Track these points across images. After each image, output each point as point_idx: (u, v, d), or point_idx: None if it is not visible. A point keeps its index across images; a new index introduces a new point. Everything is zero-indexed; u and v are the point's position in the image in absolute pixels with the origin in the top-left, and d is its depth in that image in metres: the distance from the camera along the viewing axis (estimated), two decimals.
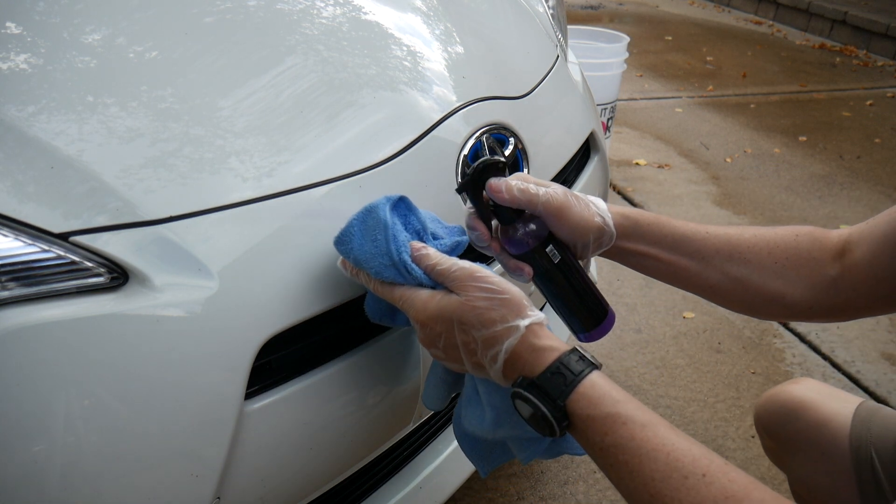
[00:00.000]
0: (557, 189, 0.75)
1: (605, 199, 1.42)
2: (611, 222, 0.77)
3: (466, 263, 0.67)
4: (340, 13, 0.96)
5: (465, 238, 0.76)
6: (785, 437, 0.92)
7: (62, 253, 0.62)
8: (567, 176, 1.21)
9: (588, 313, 0.78)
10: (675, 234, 0.78)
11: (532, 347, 0.62)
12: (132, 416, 0.64)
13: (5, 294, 0.59)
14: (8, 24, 0.76)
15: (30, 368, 0.59)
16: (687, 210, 2.66)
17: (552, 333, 0.64)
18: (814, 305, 0.76)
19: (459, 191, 0.77)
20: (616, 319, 0.81)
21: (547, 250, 0.75)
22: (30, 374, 0.59)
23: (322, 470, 0.82)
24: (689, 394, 1.73)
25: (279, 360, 0.74)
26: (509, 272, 0.77)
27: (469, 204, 0.77)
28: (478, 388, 0.71)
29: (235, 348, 0.68)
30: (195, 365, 0.66)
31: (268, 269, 0.71)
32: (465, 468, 1.08)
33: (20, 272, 0.60)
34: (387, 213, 0.70)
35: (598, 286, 1.74)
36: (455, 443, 1.10)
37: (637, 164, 3.05)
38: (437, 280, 0.68)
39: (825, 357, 1.90)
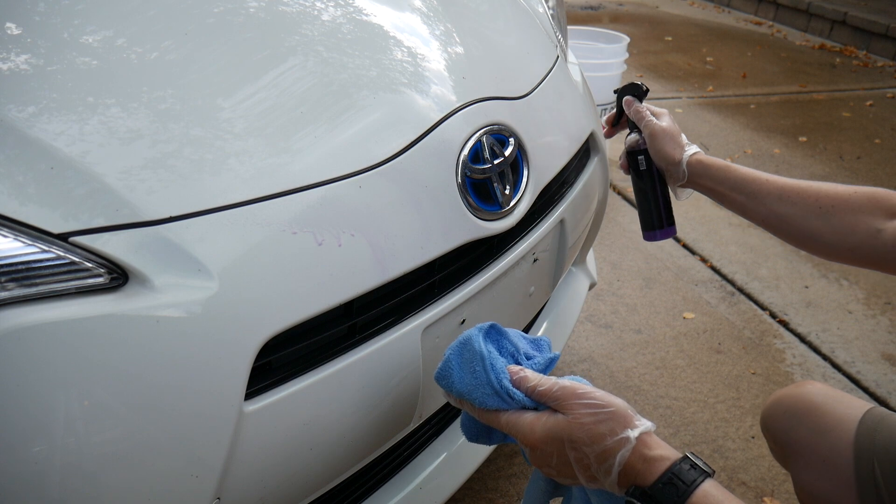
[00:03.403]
0: (663, 124, 1.04)
1: (604, 200, 1.42)
2: (685, 163, 1.01)
3: (567, 382, 0.69)
4: (341, 14, 0.96)
5: (556, 354, 0.79)
6: (788, 442, 0.92)
7: (62, 253, 0.62)
8: (567, 176, 1.21)
9: (650, 217, 1.09)
10: (737, 177, 0.97)
11: (644, 458, 0.63)
12: (132, 417, 0.64)
13: (5, 294, 0.59)
14: (8, 24, 0.76)
15: (30, 369, 0.59)
16: (687, 210, 2.66)
17: (663, 442, 0.65)
18: (855, 249, 0.87)
19: (616, 91, 1.12)
20: (674, 232, 1.10)
21: (639, 158, 1.07)
22: (29, 374, 0.59)
23: (322, 470, 0.82)
24: (689, 394, 1.73)
25: (279, 360, 0.74)
26: (620, 159, 1.12)
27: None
28: (590, 499, 0.73)
29: (235, 349, 0.68)
30: (195, 365, 0.66)
31: (268, 269, 0.71)
32: (465, 469, 1.08)
33: (20, 272, 0.60)
34: (481, 344, 0.73)
35: (598, 286, 1.73)
36: (455, 443, 1.10)
37: None
38: (538, 401, 0.70)
39: (825, 357, 1.90)
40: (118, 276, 0.64)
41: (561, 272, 1.26)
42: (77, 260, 0.62)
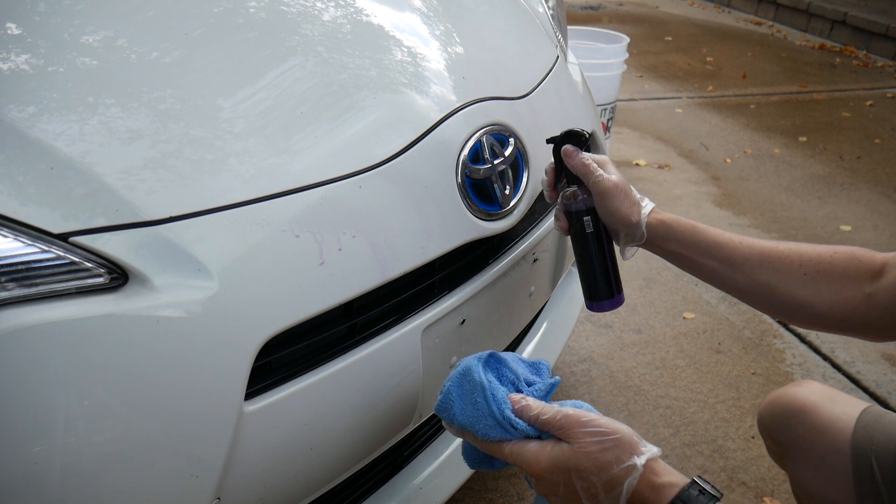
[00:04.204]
0: (613, 178, 0.87)
1: None
2: (644, 224, 0.87)
3: (570, 410, 0.68)
4: (341, 14, 0.96)
5: (557, 379, 0.78)
6: (785, 441, 0.92)
7: (62, 253, 0.62)
8: None
9: (597, 286, 0.93)
10: (707, 240, 0.86)
11: (652, 485, 0.63)
12: (132, 417, 0.64)
13: (5, 294, 0.59)
14: (8, 24, 0.76)
15: (29, 369, 0.59)
16: (687, 210, 2.66)
17: (670, 467, 0.65)
18: (845, 318, 0.79)
19: (549, 141, 0.92)
20: (624, 305, 0.94)
21: (584, 219, 0.90)
22: (29, 374, 0.59)
23: (322, 470, 0.82)
24: (689, 394, 1.73)
25: (279, 360, 0.74)
26: (554, 219, 0.95)
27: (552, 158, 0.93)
28: None
29: (235, 349, 0.68)
30: (195, 365, 0.66)
31: (268, 269, 0.71)
32: (465, 469, 1.08)
33: (20, 272, 0.60)
34: (481, 374, 0.72)
35: None
36: (455, 443, 1.10)
37: (637, 164, 3.05)
38: (542, 430, 0.69)
39: (825, 357, 1.90)
40: (118, 276, 0.64)
41: (561, 272, 1.26)
42: (77, 260, 0.62)
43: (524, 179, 0.99)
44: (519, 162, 0.99)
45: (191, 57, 0.79)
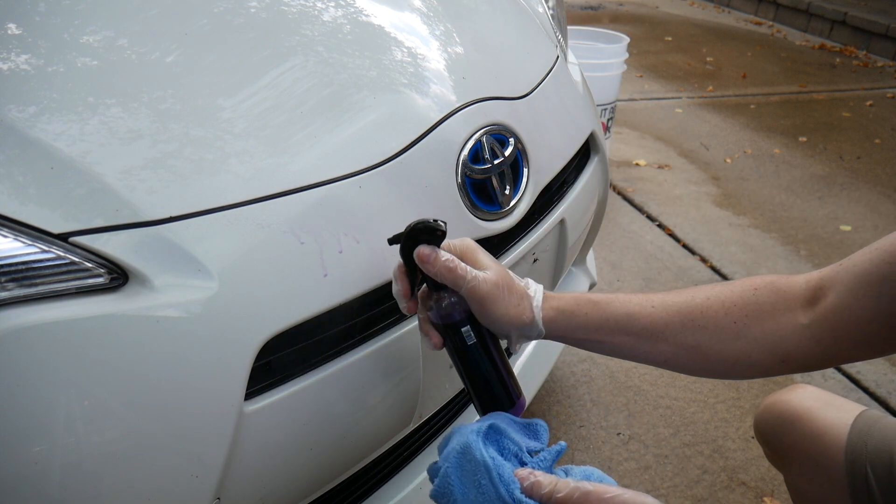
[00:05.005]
0: (490, 276, 0.71)
1: (604, 200, 1.42)
2: (539, 319, 0.73)
3: (589, 486, 0.60)
4: (341, 14, 0.96)
5: (562, 445, 0.69)
6: (781, 447, 0.91)
7: (62, 253, 0.62)
8: (567, 176, 1.21)
9: (491, 399, 0.75)
10: (617, 315, 0.74)
11: None
12: (132, 417, 0.64)
13: (5, 294, 0.59)
14: (9, 24, 0.76)
15: (30, 369, 0.59)
16: (687, 210, 2.66)
17: None
18: (787, 359, 0.70)
19: (391, 242, 0.73)
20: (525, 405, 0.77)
21: (463, 330, 0.73)
22: (30, 374, 0.59)
23: (322, 470, 0.82)
24: (689, 394, 1.73)
25: (279, 360, 0.74)
26: (421, 333, 0.76)
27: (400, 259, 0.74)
28: None
29: (235, 349, 0.68)
30: (195, 365, 0.66)
31: (268, 269, 0.71)
32: None
33: (20, 272, 0.60)
34: (483, 452, 0.63)
35: (598, 286, 1.68)
36: None
37: (637, 164, 3.05)
38: None
39: None
40: (118, 276, 0.64)
41: (561, 272, 1.26)
42: (77, 260, 0.62)
43: (524, 179, 0.99)
44: (519, 162, 0.99)
45: (191, 57, 0.79)
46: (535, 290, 0.75)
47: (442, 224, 0.71)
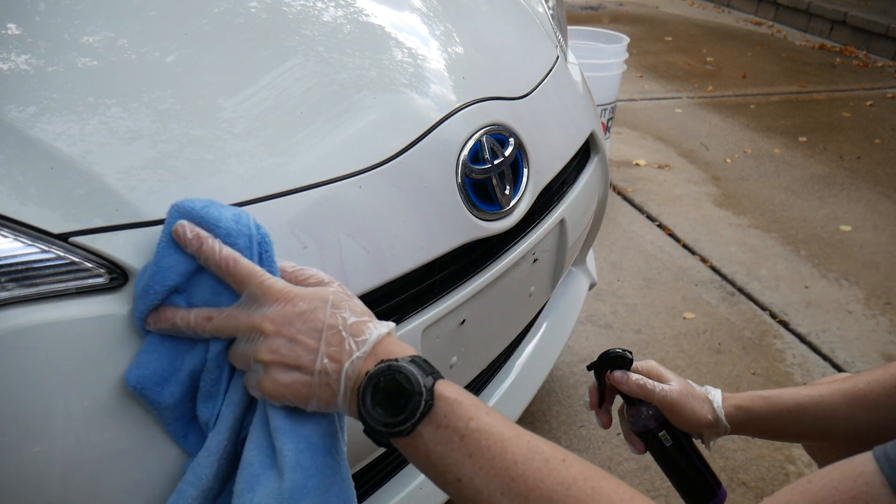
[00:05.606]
0: (675, 385, 0.86)
1: (604, 200, 1.42)
2: (723, 417, 0.85)
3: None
4: (341, 14, 0.96)
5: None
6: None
7: (62, 253, 0.62)
8: (567, 176, 1.21)
9: (696, 492, 0.89)
10: (789, 407, 0.83)
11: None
12: (132, 417, 0.64)
13: (5, 294, 0.59)
14: (9, 24, 0.76)
15: (30, 368, 0.59)
16: (687, 210, 2.66)
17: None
18: None
19: (589, 368, 0.91)
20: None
21: (660, 434, 0.88)
22: (30, 374, 0.59)
23: None
24: None
25: None
26: (627, 441, 0.93)
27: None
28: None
29: None
30: None
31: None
32: None
33: (20, 272, 0.60)
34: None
35: (598, 286, 1.68)
36: None
37: (637, 164, 3.05)
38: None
39: (825, 357, 1.90)
40: (118, 276, 0.64)
41: (561, 272, 1.26)
42: (77, 260, 0.62)
43: (524, 179, 0.99)
44: (519, 162, 0.99)
45: (191, 57, 0.79)
46: (714, 394, 0.88)
47: (629, 353, 0.89)
